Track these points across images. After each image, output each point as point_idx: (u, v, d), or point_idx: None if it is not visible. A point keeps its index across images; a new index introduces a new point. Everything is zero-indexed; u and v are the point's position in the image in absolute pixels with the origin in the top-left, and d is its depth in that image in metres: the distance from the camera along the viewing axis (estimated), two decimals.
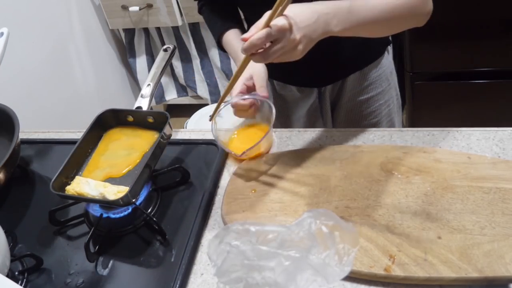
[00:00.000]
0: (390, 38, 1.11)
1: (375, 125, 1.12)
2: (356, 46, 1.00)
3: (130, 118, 0.99)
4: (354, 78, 1.07)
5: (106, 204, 0.88)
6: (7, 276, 0.78)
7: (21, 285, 0.82)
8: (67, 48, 2.15)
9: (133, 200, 0.84)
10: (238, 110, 0.92)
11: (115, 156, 0.95)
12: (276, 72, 1.10)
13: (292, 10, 0.72)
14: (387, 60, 1.09)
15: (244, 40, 0.72)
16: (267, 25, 0.71)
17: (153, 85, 1.00)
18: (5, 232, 0.82)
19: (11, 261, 0.83)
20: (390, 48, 1.11)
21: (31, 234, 0.92)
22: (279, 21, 0.71)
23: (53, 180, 0.87)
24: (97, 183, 0.89)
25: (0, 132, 1.08)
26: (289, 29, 0.71)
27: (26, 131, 1.19)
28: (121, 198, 0.82)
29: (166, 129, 0.92)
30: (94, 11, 2.33)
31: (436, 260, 0.69)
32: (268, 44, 0.72)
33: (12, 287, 0.69)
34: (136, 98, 1.01)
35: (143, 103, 0.99)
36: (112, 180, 0.91)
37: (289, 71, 1.02)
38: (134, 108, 0.99)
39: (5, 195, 1.02)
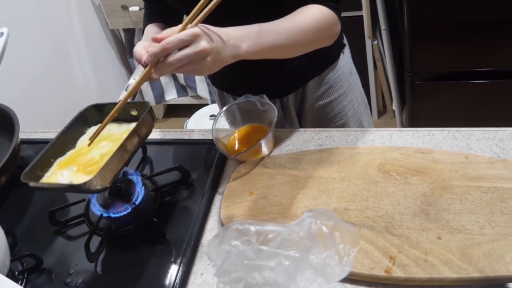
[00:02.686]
0: (344, 41, 1.12)
1: (342, 126, 1.13)
2: (310, 53, 0.99)
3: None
4: (313, 84, 1.08)
5: (73, 191, 0.85)
6: (7, 276, 0.78)
7: (21, 285, 0.82)
8: (67, 48, 2.15)
9: (103, 187, 0.77)
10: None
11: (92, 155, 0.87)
12: (236, 86, 1.12)
13: (207, 26, 0.75)
14: (344, 61, 1.10)
15: (156, 40, 0.72)
16: (182, 29, 0.72)
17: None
18: (5, 232, 0.82)
19: (11, 261, 0.83)
20: (346, 49, 1.11)
21: (31, 234, 0.93)
22: (194, 28, 0.72)
23: (25, 171, 0.80)
24: (70, 173, 0.84)
25: (0, 132, 1.08)
26: (202, 36, 0.72)
27: (26, 131, 1.19)
28: (87, 182, 0.73)
29: (146, 118, 0.85)
30: (94, 11, 2.33)
31: (436, 261, 0.69)
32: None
33: (12, 287, 0.69)
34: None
35: (121, 98, 0.89)
36: None
37: (248, 84, 1.03)
38: (117, 101, 0.89)
39: (5, 195, 1.02)
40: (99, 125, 0.92)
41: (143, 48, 0.92)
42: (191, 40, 0.72)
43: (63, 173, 0.85)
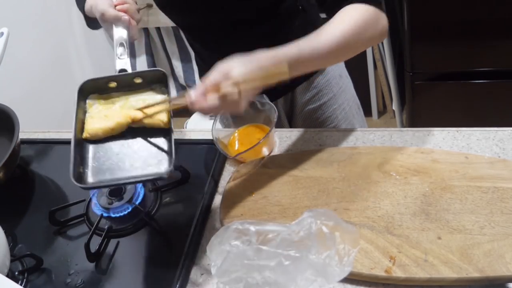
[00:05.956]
0: None
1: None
2: None
3: (113, 84, 0.86)
4: (302, 88, 1.07)
5: (147, 180, 0.81)
6: (7, 276, 0.78)
7: (21, 285, 0.82)
8: (67, 48, 2.15)
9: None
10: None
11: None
12: None
13: (231, 61, 0.72)
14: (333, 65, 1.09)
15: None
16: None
17: (128, 44, 0.88)
18: (5, 232, 0.82)
19: (11, 261, 0.83)
20: None
21: (31, 234, 0.93)
22: (219, 66, 0.72)
23: (71, 173, 0.75)
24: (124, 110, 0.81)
25: (0, 132, 1.08)
26: (231, 69, 0.71)
27: (26, 131, 1.19)
28: (166, 172, 0.75)
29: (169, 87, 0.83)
30: None
31: (436, 261, 0.69)
32: None
33: (12, 287, 0.69)
34: None
35: (124, 64, 0.86)
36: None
37: None
38: (117, 72, 0.86)
39: (5, 195, 1.02)
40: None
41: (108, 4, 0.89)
42: (222, 77, 0.71)
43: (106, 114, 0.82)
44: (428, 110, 1.84)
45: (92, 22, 0.97)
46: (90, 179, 0.78)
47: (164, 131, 0.81)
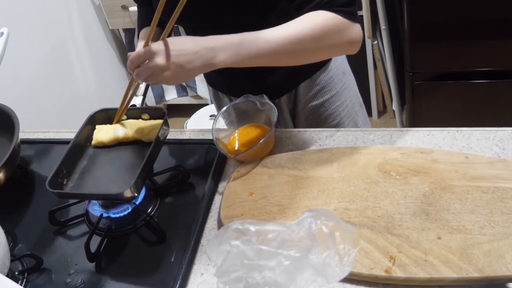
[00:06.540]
0: None
1: (336, 127, 1.12)
2: None
3: (123, 117, 0.97)
4: (305, 85, 1.07)
5: (108, 199, 0.88)
6: (7, 276, 0.78)
7: (21, 285, 0.82)
8: (67, 48, 2.15)
9: (136, 195, 0.82)
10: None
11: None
12: (228, 87, 1.12)
13: (174, 39, 0.78)
14: (336, 62, 1.09)
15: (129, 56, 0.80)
16: (145, 45, 0.77)
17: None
18: (5, 232, 0.82)
19: (11, 261, 0.83)
20: None
21: (31, 234, 0.93)
22: (152, 45, 0.76)
23: (48, 179, 0.85)
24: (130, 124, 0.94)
25: (0, 132, 1.08)
26: (156, 53, 0.75)
27: (26, 131, 1.19)
28: (124, 192, 0.79)
29: (164, 127, 0.91)
30: (94, 11, 2.33)
31: (436, 261, 0.69)
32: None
33: (12, 287, 0.69)
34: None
35: (136, 101, 0.98)
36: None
37: (240, 86, 1.03)
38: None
39: (5, 195, 1.02)
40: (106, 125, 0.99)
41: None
42: (147, 56, 0.76)
43: (115, 127, 0.95)
44: (428, 110, 1.85)
45: None
46: (70, 184, 0.89)
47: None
